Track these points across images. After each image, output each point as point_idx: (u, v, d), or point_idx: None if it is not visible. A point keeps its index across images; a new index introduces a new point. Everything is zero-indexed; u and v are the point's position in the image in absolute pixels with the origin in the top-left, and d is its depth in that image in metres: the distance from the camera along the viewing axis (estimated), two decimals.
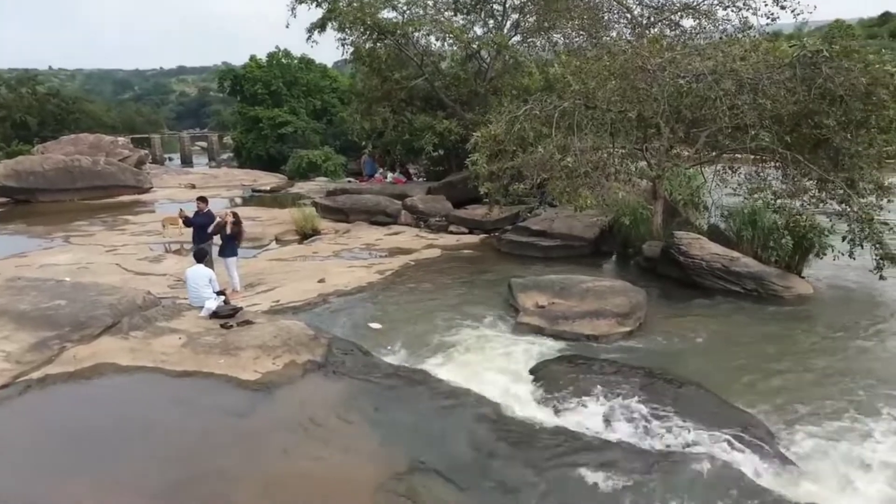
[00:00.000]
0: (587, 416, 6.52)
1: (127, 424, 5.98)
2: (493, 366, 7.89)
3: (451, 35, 16.63)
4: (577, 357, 7.97)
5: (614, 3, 11.89)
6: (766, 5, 11.07)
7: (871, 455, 5.90)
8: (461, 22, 18.17)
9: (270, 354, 7.31)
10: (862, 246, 10.51)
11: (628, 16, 11.66)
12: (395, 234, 16.05)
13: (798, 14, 11.27)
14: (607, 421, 6.43)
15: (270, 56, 35.71)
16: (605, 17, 12.00)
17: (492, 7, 17.74)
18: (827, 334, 8.95)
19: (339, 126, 32.24)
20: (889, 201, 11.09)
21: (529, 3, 16.32)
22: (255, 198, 24.40)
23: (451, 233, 16.00)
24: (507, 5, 17.39)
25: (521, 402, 6.94)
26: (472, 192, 13.41)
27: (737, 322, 9.38)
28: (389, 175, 24.05)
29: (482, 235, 15.57)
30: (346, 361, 7.54)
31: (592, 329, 8.90)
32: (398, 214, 17.16)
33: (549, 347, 8.50)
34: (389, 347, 8.42)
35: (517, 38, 17.52)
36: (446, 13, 17.80)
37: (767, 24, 11.66)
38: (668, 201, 12.48)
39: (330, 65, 39.23)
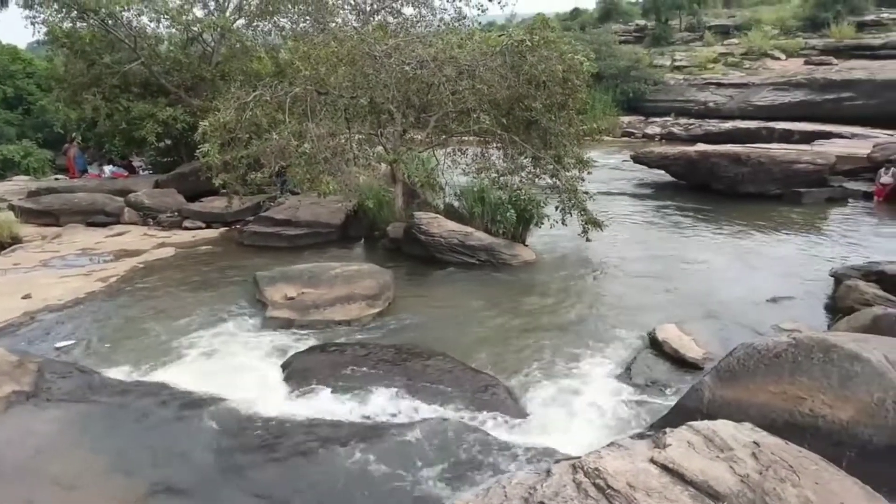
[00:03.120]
0: (341, 402, 6.52)
1: None
2: (241, 365, 7.51)
3: (166, 16, 15.20)
4: (330, 345, 7.94)
5: None
6: None
7: (585, 397, 6.82)
8: (178, 2, 16.67)
9: None
10: (571, 214, 11.95)
11: (352, 2, 11.81)
12: (119, 234, 14.34)
13: (504, 6, 12.46)
14: (361, 402, 6.51)
15: None
16: (330, 3, 12.00)
17: None
18: (548, 294, 10.10)
19: (39, 116, 27.78)
20: (589, 173, 12.81)
21: None
22: None
23: (187, 228, 14.77)
24: None
25: (272, 398, 6.69)
26: (208, 184, 12.52)
27: (473, 291, 10.14)
28: (108, 169, 21.31)
29: (222, 229, 14.66)
30: (64, 386, 6.57)
31: (344, 314, 8.94)
32: (121, 213, 15.32)
33: (301, 339, 8.34)
34: (118, 362, 7.52)
35: (242, 21, 16.64)
36: None
37: (479, 15, 12.70)
38: (406, 184, 12.98)
39: (23, 46, 33.52)
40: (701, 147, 18.64)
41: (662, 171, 18.30)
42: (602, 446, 3.96)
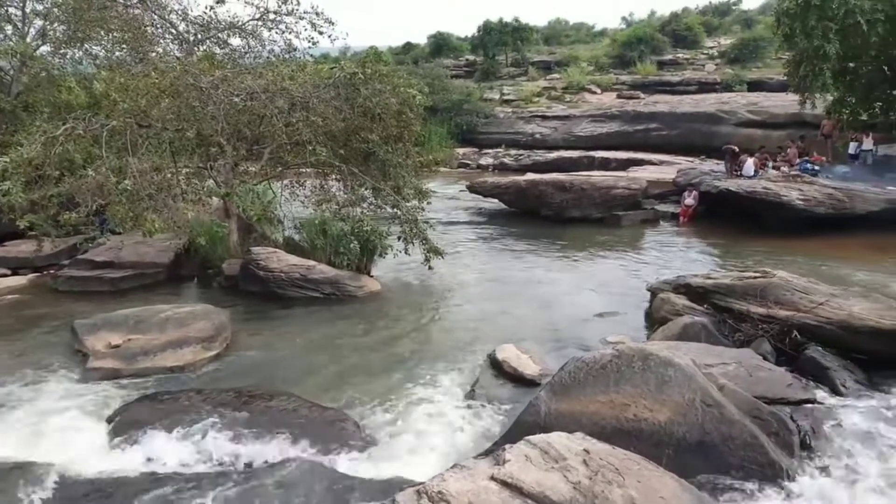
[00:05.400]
0: (176, 454, 6.05)
1: None
2: (62, 425, 6.75)
3: None
4: (162, 393, 7.35)
5: (156, 17, 11.27)
6: (305, 30, 11.99)
7: (433, 423, 6.90)
8: None
9: None
10: (413, 243, 12.14)
11: (174, 31, 11.23)
12: None
13: (335, 39, 12.53)
14: (199, 452, 6.08)
15: None
16: (149, 31, 11.30)
17: (7, 11, 14.86)
18: (395, 323, 10.16)
19: None
20: (429, 203, 13.15)
21: (55, 10, 14.17)
22: None
23: None
24: (26, 10, 14.76)
25: (98, 457, 6.07)
26: (11, 226, 11.18)
27: (319, 326, 9.94)
28: None
29: (32, 275, 13.11)
30: None
31: (177, 360, 8.35)
32: None
33: (129, 389, 7.67)
34: None
35: (46, 48, 15.14)
36: None
37: (310, 47, 12.65)
38: (242, 218, 12.50)
39: None
40: (530, 176, 19.87)
41: (496, 200, 19.23)
42: (446, 469, 4.00)
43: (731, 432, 5.54)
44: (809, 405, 6.71)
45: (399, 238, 12.12)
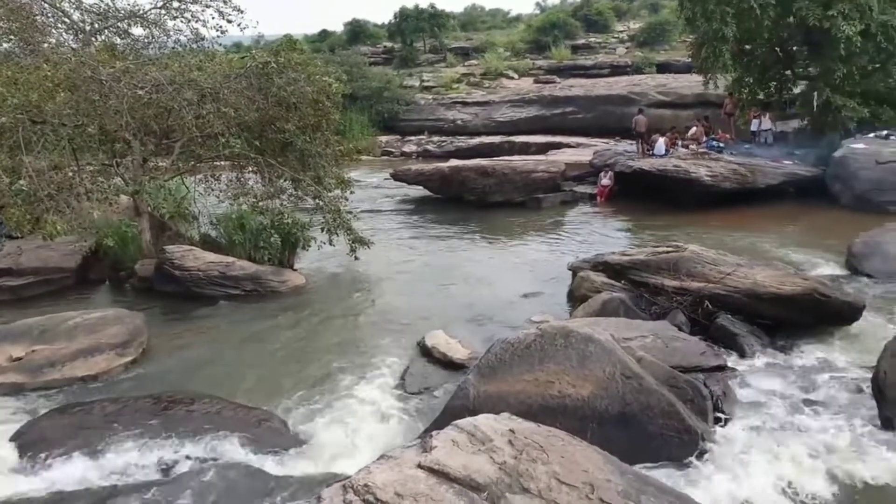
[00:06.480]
0: (91, 468, 5.76)
1: None
2: None
3: None
4: (73, 405, 6.98)
5: (46, 5, 10.51)
6: (213, 18, 11.52)
7: (363, 414, 6.88)
8: None
9: None
10: (337, 234, 11.92)
11: (67, 20, 10.51)
12: None
13: (244, 28, 12.10)
14: (116, 463, 5.81)
15: None
16: (39, 20, 10.53)
17: None
18: (321, 316, 10.01)
19: None
20: (352, 192, 12.97)
21: None
22: None
23: None
24: None
25: (2, 479, 5.69)
26: None
27: (240, 324, 9.67)
28: None
29: None
30: None
31: (88, 369, 7.94)
32: None
33: (35, 404, 7.25)
34: None
35: None
36: None
37: (219, 36, 12.16)
38: (154, 216, 11.96)
39: None
40: (453, 162, 19.92)
41: (421, 187, 19.20)
42: (373, 461, 3.98)
43: (649, 402, 5.77)
44: (721, 371, 7.07)
45: (322, 229, 11.90)
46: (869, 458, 5.68)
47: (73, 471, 5.76)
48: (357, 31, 45.42)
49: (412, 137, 31.49)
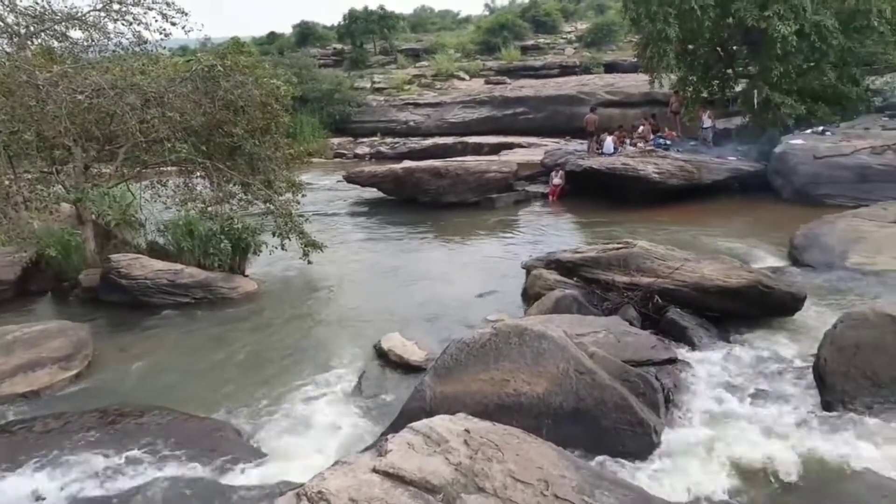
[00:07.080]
0: (33, 490, 5.52)
1: None
2: None
3: None
4: (12, 423, 6.71)
5: None
6: (156, 21, 11.22)
7: (319, 421, 6.82)
8: None
9: None
10: (289, 238, 11.76)
11: (0, 23, 10.08)
12: None
13: (189, 31, 11.82)
14: (61, 483, 5.58)
15: None
16: None
17: None
18: (273, 323, 9.85)
19: None
20: (304, 195, 12.84)
21: None
22: None
23: None
24: None
25: None
26: None
27: (190, 333, 9.45)
28: None
29: None
30: None
31: (29, 384, 7.64)
32: None
33: None
34: None
35: None
36: None
37: (163, 39, 11.84)
38: (98, 224, 11.58)
39: None
40: (406, 164, 19.87)
41: (375, 189, 19.12)
42: (326, 467, 3.93)
43: (603, 397, 5.86)
44: (671, 364, 7.24)
45: (273, 234, 11.72)
46: (813, 440, 5.91)
47: (12, 492, 5.52)
48: (306, 34, 45.01)
49: (365, 139, 31.33)
